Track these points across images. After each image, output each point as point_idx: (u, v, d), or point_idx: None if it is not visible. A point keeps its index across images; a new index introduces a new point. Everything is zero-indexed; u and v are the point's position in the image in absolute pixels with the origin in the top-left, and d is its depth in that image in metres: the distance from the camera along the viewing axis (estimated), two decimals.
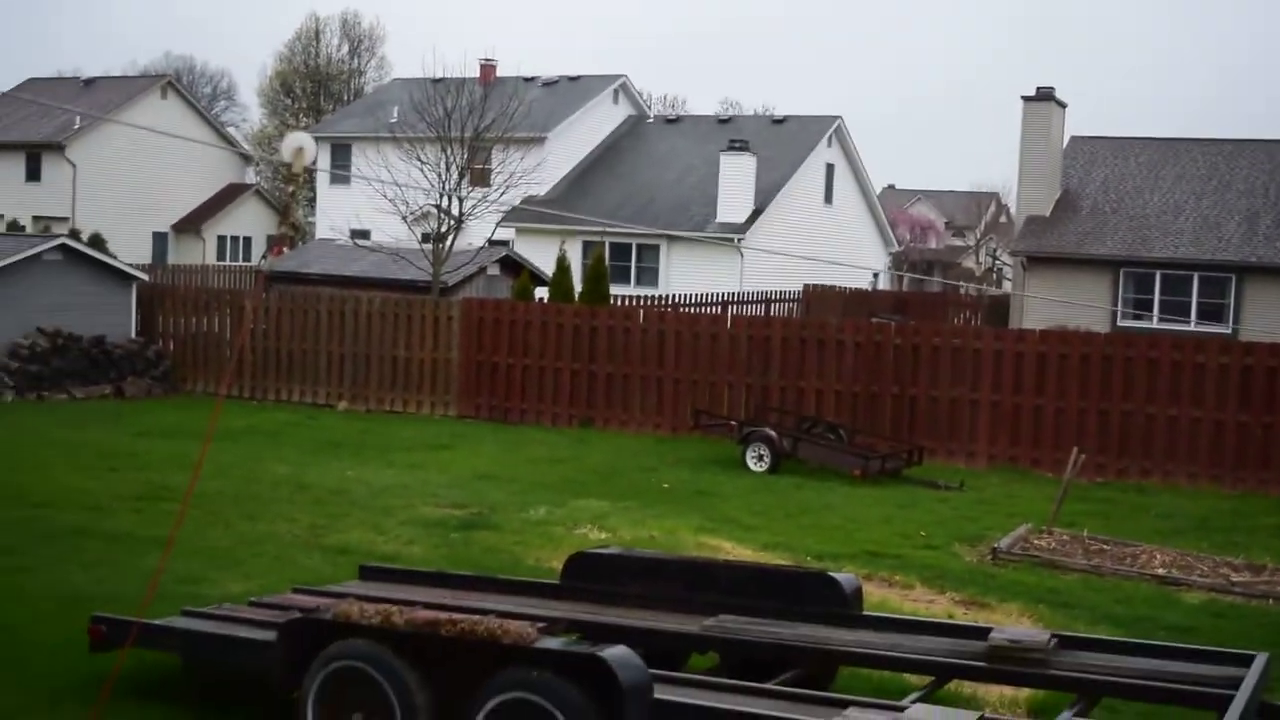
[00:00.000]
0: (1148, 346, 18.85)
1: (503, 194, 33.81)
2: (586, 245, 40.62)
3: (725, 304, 32.40)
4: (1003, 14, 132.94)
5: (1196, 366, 18.27)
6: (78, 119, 54.54)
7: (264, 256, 57.55)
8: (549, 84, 51.11)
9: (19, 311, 23.02)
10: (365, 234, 37.33)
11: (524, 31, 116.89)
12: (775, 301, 36.56)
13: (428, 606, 7.54)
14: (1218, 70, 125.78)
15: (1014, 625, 9.88)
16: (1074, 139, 40.10)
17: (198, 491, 13.86)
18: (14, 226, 48.43)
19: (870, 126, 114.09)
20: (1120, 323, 33.92)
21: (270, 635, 7.33)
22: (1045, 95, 37.35)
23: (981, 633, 7.78)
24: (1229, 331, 32.82)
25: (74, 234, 38.63)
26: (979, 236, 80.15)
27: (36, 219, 53.24)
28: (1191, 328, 33.16)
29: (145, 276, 27.37)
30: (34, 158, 56.48)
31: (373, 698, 6.67)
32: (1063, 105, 37.69)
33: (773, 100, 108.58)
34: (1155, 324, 33.74)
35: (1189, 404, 18.22)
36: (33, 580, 10.47)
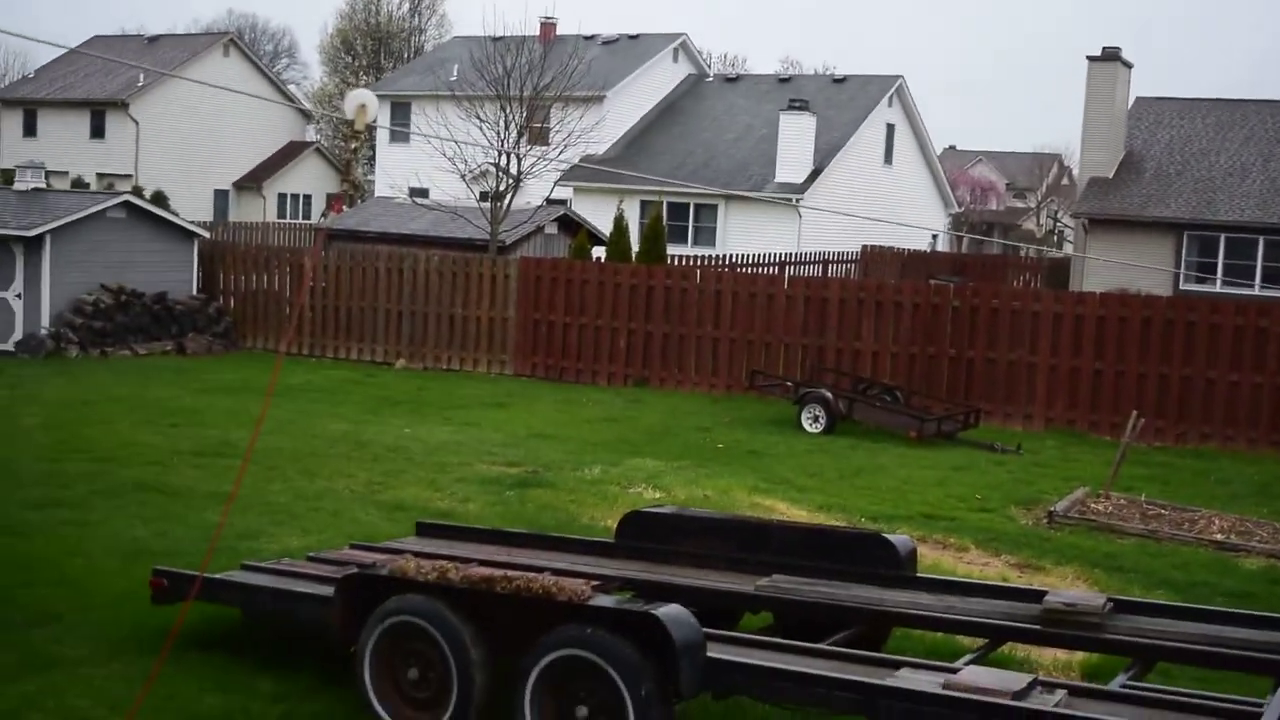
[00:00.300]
0: (1210, 310, 18.62)
1: (561, 153, 33.82)
2: (644, 205, 40.60)
3: (783, 264, 32.32)
4: None
5: (1260, 331, 18.04)
6: (141, 77, 54.86)
7: (324, 214, 57.85)
8: (609, 42, 50.90)
9: (83, 268, 23.28)
10: (424, 192, 37.43)
11: None
12: (833, 262, 36.44)
13: (483, 563, 7.59)
14: None
15: (1069, 589, 9.85)
16: (1139, 100, 39.56)
17: (257, 448, 14.02)
18: (78, 183, 48.96)
19: (933, 87, 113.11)
20: (1183, 286, 33.53)
21: (328, 590, 7.41)
22: (1111, 55, 36.84)
23: (1036, 596, 7.73)
24: None
25: (137, 191, 38.96)
26: (1040, 198, 79.40)
27: (100, 176, 53.79)
28: (1256, 292, 32.73)
29: (206, 234, 27.60)
30: (98, 115, 56.93)
31: (429, 652, 6.75)
32: (1128, 65, 37.16)
33: (833, 60, 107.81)
34: (1219, 288, 33.34)
35: (1251, 369, 18.01)
36: (95, 534, 10.63)
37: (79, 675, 7.45)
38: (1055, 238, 72.84)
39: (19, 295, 22.90)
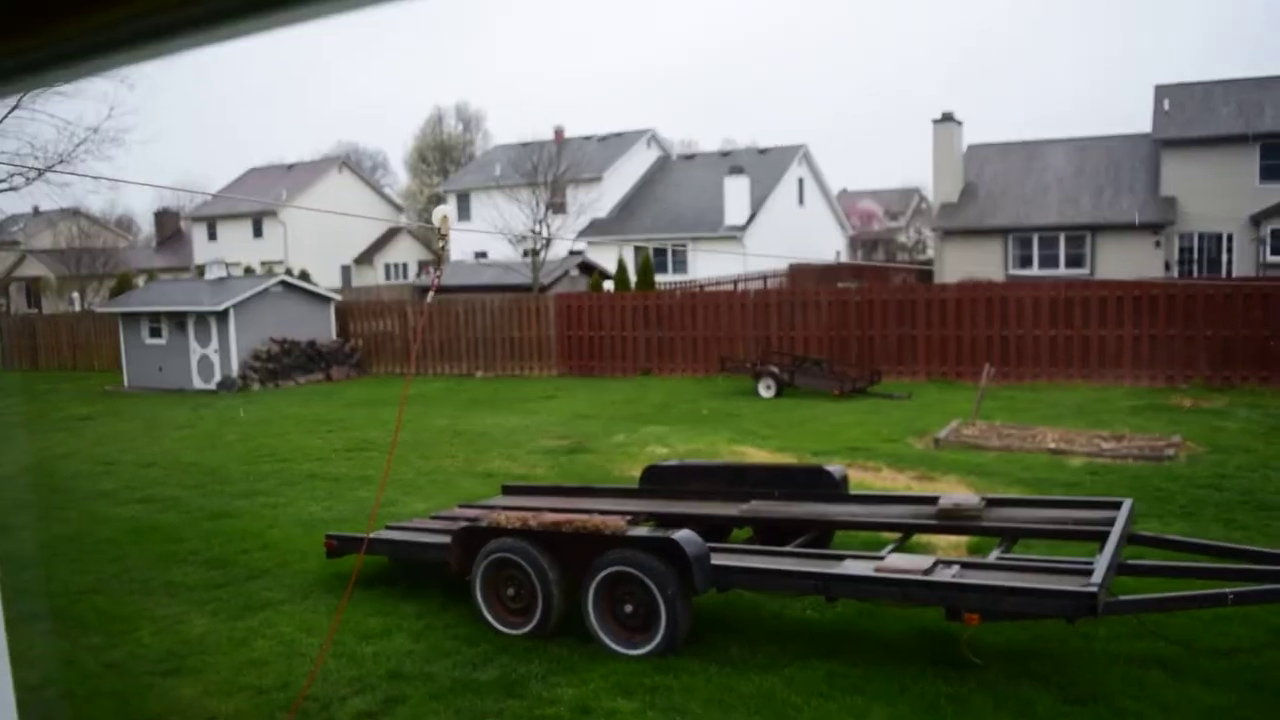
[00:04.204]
0: (1031, 288, 18.60)
1: (576, 219, 33.83)
2: (636, 249, 40.50)
3: (735, 283, 32.27)
4: (925, 60, 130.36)
5: (1067, 300, 18.02)
6: (284, 192, 55.08)
7: (430, 287, 57.69)
8: (602, 139, 50.69)
9: (257, 328, 23.32)
10: (484, 254, 37.41)
11: (581, 97, 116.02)
12: (770, 277, 36.36)
13: (552, 511, 7.60)
14: (1076, 79, 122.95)
15: (954, 492, 9.84)
16: (971, 146, 39.40)
17: (387, 441, 14.04)
18: (248, 271, 48.93)
19: (830, 142, 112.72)
20: (1011, 272, 33.47)
21: (447, 539, 7.42)
22: (948, 118, 36.77)
23: (932, 500, 7.74)
24: (1088, 273, 32.36)
25: (288, 272, 38.90)
26: (908, 219, 79.10)
27: (263, 263, 53.76)
28: (1061, 272, 32.70)
29: (339, 297, 27.58)
30: (257, 222, 57.02)
31: (520, 576, 6.77)
32: (960, 123, 37.07)
33: (759, 136, 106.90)
34: (1036, 271, 33.31)
35: (1063, 326, 18.00)
36: (284, 512, 10.66)
37: (284, 611, 7.48)
38: (921, 246, 72.58)
39: (216, 350, 22.93)
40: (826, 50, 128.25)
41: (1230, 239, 32.70)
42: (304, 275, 39.84)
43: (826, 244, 47.55)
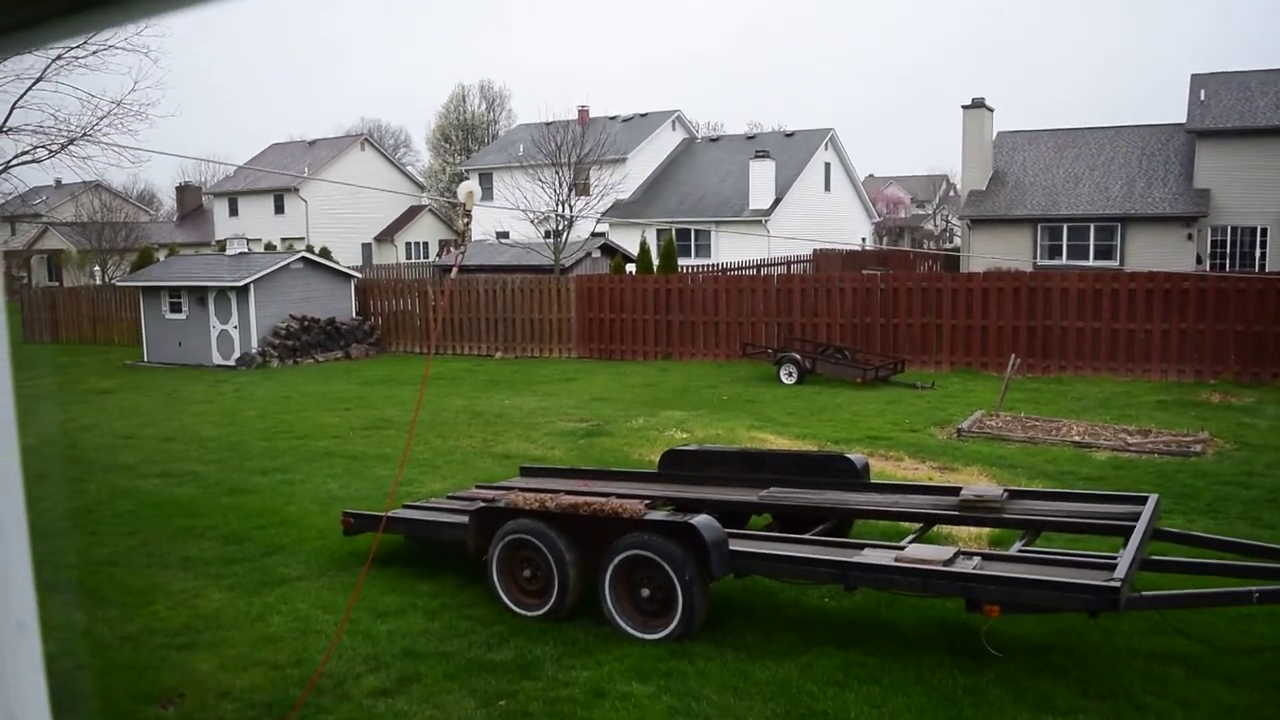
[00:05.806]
0: (1060, 279, 18.44)
1: (599, 201, 33.75)
2: (659, 232, 40.45)
3: (759, 267, 32.16)
4: (952, 45, 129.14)
5: (1095, 292, 17.87)
6: (306, 169, 55.18)
7: (450, 267, 57.74)
8: (626, 120, 50.54)
9: (277, 305, 23.43)
10: (506, 234, 37.42)
11: (606, 79, 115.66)
12: (794, 263, 36.21)
13: (569, 493, 7.62)
14: (1094, 69, 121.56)
15: (977, 483, 9.80)
16: (1000, 133, 39.08)
17: (405, 420, 14.09)
18: (268, 247, 49.14)
19: (857, 127, 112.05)
20: (1039, 262, 33.22)
21: (464, 519, 7.45)
22: (978, 104, 36.45)
23: (954, 490, 7.71)
24: (1117, 265, 32.11)
25: (309, 249, 39.03)
26: (935, 206, 78.57)
27: (283, 240, 53.92)
28: (1090, 262, 32.45)
29: (359, 275, 27.67)
30: (279, 199, 57.13)
31: (536, 557, 6.79)
32: (991, 110, 36.74)
33: (785, 119, 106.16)
34: (1064, 261, 33.07)
35: (1091, 318, 17.85)
36: (301, 489, 10.73)
37: (300, 588, 7.54)
38: (948, 234, 72.11)
39: (235, 326, 23.06)
40: (853, 34, 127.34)
41: (1264, 233, 32.34)
42: (325, 252, 39.99)
43: (852, 230, 47.32)
